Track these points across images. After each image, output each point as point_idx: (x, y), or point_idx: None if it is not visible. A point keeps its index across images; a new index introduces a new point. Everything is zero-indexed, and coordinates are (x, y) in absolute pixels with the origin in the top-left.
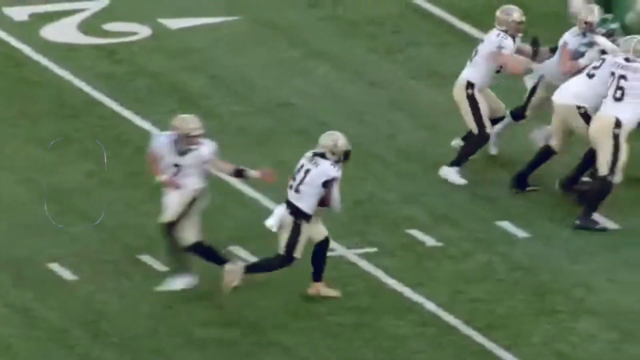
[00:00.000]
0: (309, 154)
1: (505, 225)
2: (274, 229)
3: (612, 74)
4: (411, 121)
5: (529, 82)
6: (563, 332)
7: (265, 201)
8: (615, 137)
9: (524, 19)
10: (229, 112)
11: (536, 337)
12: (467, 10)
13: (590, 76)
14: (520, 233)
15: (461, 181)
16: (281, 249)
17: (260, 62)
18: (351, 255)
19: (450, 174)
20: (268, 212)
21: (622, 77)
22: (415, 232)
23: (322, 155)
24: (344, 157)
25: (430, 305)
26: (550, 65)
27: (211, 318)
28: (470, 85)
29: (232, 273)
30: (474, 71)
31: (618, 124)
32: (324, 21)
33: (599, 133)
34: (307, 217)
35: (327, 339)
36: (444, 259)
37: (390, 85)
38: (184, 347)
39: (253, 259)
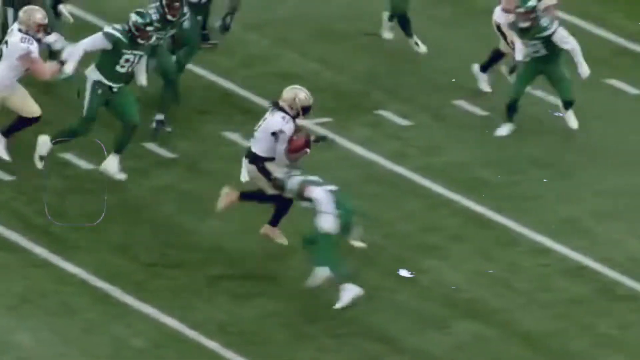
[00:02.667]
0: (274, 102)
1: None
2: (245, 179)
3: None
4: None
5: None
6: None
7: None
8: None
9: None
10: None
11: None
12: None
13: None
14: None
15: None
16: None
17: None
18: None
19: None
20: None
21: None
22: None
23: (282, 108)
24: (302, 112)
25: None
26: None
27: None
28: None
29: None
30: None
31: None
32: None
33: None
34: (263, 159)
35: None
36: None
37: None
38: None
39: None
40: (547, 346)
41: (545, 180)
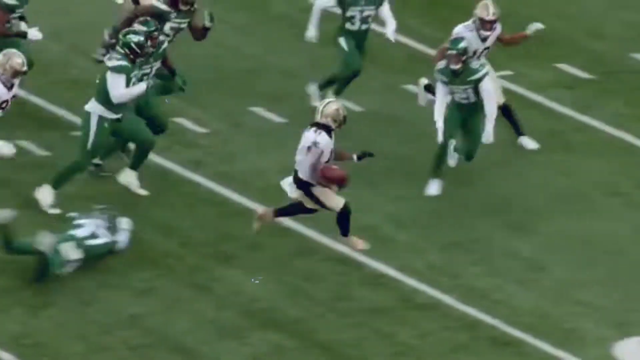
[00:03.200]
0: (310, 125)
1: None
2: (291, 195)
3: None
4: None
5: None
6: None
7: None
8: None
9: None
10: None
11: None
12: None
13: None
14: None
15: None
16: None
17: None
18: None
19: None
20: None
21: None
22: None
23: (322, 125)
24: (344, 122)
25: None
26: None
27: None
28: None
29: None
30: None
31: None
32: None
33: None
34: (309, 184)
35: None
36: None
37: None
38: None
39: None
40: (347, 356)
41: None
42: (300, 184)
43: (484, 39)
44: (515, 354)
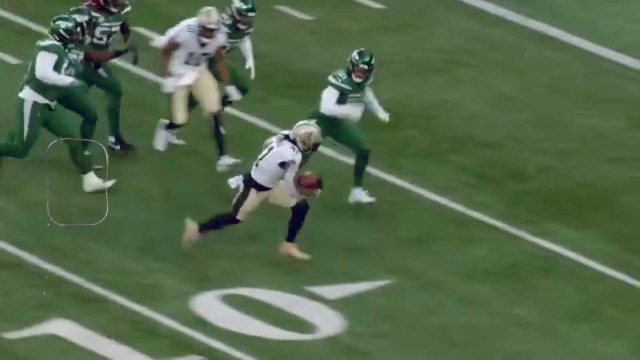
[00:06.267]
0: (281, 134)
1: None
2: (232, 187)
3: None
4: None
5: None
6: None
7: None
8: None
9: None
10: None
11: None
12: None
13: None
14: None
15: None
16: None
17: None
18: None
19: None
20: None
21: None
22: None
23: (293, 140)
24: (313, 148)
25: None
26: None
27: None
28: None
29: (190, 230)
30: None
31: None
32: None
33: None
34: (257, 187)
35: None
36: None
37: None
38: None
39: None
40: None
41: None
42: (250, 182)
43: (202, 44)
44: (97, 310)
